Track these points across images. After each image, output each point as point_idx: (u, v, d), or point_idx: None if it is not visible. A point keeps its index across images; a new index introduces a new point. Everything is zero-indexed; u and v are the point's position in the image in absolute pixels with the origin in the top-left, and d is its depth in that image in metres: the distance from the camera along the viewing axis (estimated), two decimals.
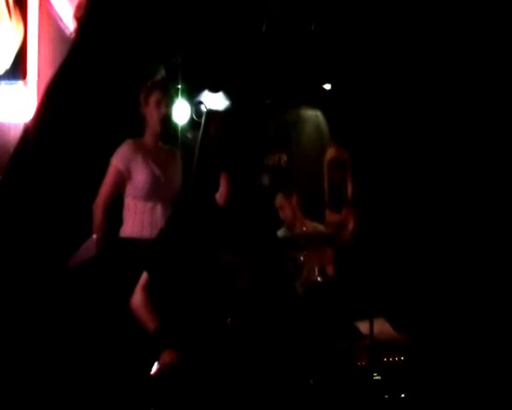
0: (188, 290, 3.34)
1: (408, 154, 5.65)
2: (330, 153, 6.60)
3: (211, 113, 5.48)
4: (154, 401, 3.25)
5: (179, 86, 5.56)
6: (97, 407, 4.38)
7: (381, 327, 4.57)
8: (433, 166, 5.52)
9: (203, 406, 3.22)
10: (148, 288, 3.42)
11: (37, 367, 4.66)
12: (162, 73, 5.25)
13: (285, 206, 5.76)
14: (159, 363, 3.25)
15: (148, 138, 4.75)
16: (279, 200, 5.77)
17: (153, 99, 4.71)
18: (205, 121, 5.28)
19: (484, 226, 5.25)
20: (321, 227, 5.77)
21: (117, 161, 4.66)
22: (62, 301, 4.78)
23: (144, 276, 3.46)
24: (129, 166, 4.65)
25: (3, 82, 5.46)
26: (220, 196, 3.61)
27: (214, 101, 5.90)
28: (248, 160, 3.46)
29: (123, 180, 4.67)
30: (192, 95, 5.75)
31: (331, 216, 6.04)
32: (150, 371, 3.29)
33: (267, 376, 3.32)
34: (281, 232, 5.58)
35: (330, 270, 5.30)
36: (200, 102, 5.73)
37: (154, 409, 3.25)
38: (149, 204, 4.65)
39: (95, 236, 4.60)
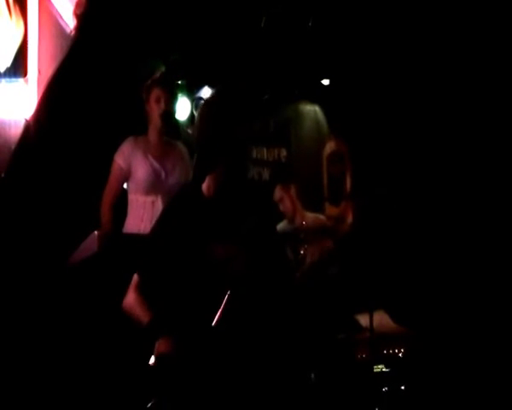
0: (179, 287, 3.32)
1: (406, 147, 5.68)
2: (329, 147, 6.63)
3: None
4: (153, 391, 3.26)
5: (179, 82, 5.59)
6: (97, 399, 4.40)
7: (381, 320, 4.60)
8: (430, 158, 5.55)
9: (201, 396, 3.23)
10: (139, 288, 3.39)
11: (38, 361, 4.69)
12: (162, 69, 5.28)
13: (284, 198, 5.72)
14: (155, 352, 3.25)
15: (151, 134, 4.81)
16: (277, 192, 5.74)
17: (153, 96, 4.76)
18: None
19: (481, 219, 5.27)
20: (322, 217, 5.76)
21: (118, 158, 4.74)
22: (64, 296, 4.81)
23: (135, 277, 3.43)
24: (129, 162, 4.73)
25: (4, 80, 5.48)
26: (208, 187, 3.45)
27: None
28: (235, 150, 3.37)
29: (125, 177, 4.75)
30: (192, 91, 5.78)
31: (330, 209, 6.08)
32: (148, 362, 3.30)
33: (268, 369, 3.34)
34: (282, 226, 5.59)
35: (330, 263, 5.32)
36: (201, 98, 5.76)
37: (154, 399, 3.26)
38: (150, 199, 4.72)
39: (96, 232, 4.65)
